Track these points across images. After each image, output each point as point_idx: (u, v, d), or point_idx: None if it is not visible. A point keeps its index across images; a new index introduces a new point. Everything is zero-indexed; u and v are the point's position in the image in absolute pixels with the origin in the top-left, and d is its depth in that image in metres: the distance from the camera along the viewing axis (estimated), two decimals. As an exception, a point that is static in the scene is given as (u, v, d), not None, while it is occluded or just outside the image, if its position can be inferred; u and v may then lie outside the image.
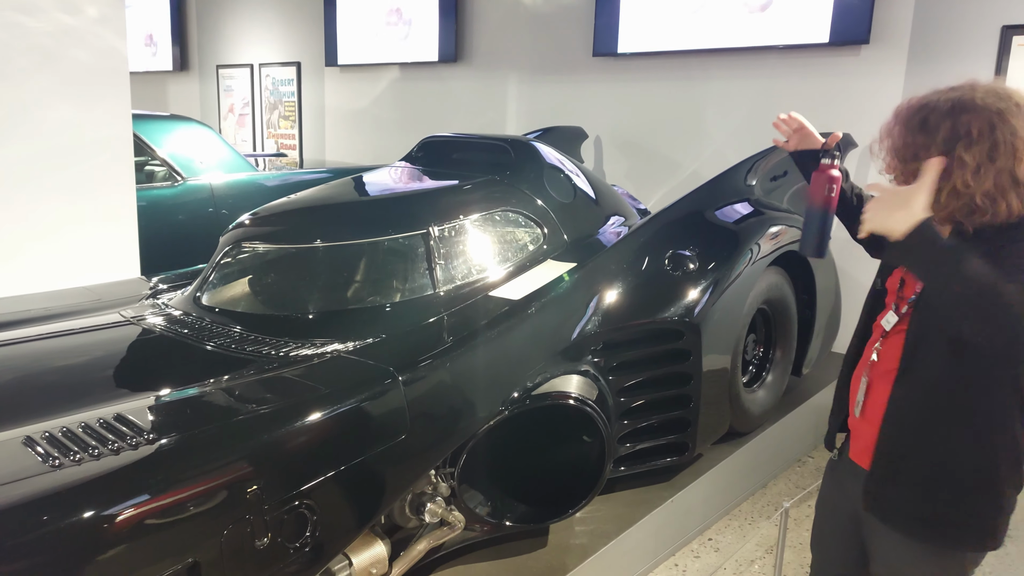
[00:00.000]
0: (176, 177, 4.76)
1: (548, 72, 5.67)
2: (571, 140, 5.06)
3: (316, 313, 2.57)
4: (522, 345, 2.52)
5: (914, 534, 1.57)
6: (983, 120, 1.41)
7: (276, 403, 1.96)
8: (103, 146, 3.75)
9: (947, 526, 1.54)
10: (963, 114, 1.43)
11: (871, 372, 1.63)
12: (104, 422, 1.83)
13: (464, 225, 2.87)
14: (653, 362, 2.85)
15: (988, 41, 3.75)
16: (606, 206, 3.54)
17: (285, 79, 7.78)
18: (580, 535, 2.61)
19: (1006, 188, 1.41)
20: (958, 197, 1.43)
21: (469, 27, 6.11)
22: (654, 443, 2.86)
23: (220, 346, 2.35)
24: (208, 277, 2.79)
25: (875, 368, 1.62)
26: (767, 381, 3.47)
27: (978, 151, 1.41)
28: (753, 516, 3.28)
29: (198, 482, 1.68)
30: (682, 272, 2.91)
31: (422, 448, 2.14)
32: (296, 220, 2.90)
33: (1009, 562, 3.00)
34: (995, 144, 1.40)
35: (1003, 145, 1.40)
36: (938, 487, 1.53)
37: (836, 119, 4.23)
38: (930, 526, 1.55)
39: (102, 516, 1.56)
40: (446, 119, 6.36)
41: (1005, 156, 1.40)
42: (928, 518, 1.55)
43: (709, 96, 4.91)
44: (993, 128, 1.41)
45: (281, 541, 1.81)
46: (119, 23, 3.73)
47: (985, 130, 1.41)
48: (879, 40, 4.16)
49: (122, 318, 2.63)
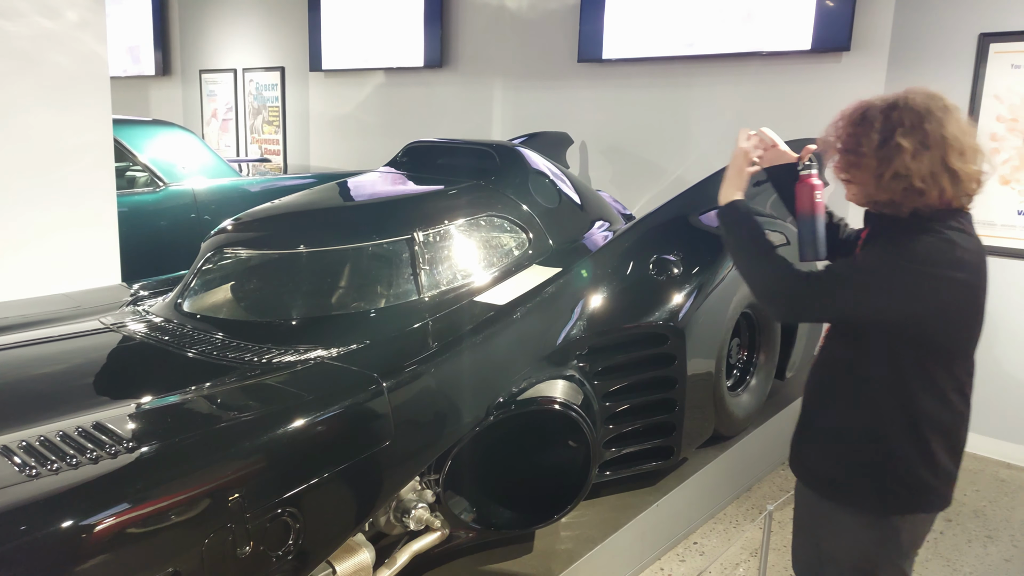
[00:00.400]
0: (158, 182, 4.72)
1: (533, 77, 5.68)
2: (556, 145, 5.08)
3: (299, 319, 2.55)
4: (507, 350, 2.52)
5: (824, 493, 1.77)
6: (914, 114, 1.61)
7: (258, 410, 1.95)
8: (83, 151, 3.72)
9: (847, 485, 1.72)
10: (895, 110, 1.63)
11: None
12: (83, 430, 1.81)
13: (449, 230, 2.87)
14: (638, 366, 2.85)
15: (966, 48, 3.80)
16: (591, 211, 3.55)
17: (269, 84, 7.75)
18: (566, 540, 2.60)
19: (939, 174, 1.59)
20: (899, 179, 1.60)
21: (454, 32, 6.12)
22: (639, 447, 2.86)
23: (202, 353, 2.33)
24: (189, 283, 2.76)
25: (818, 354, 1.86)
26: (751, 385, 3.49)
27: (912, 138, 1.59)
28: (738, 519, 3.29)
29: (178, 491, 1.66)
30: (667, 277, 2.92)
31: (407, 454, 2.13)
32: (279, 225, 2.88)
33: (989, 562, 3.03)
34: (926, 134, 1.59)
35: (932, 136, 1.59)
36: (836, 448, 1.74)
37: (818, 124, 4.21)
38: (834, 485, 1.75)
39: (80, 526, 1.54)
40: (431, 125, 6.35)
41: (936, 146, 1.59)
42: (832, 478, 1.75)
43: (693, 102, 4.94)
44: (923, 120, 1.60)
45: (264, 549, 1.79)
46: (100, 28, 3.69)
47: (916, 122, 1.60)
48: (860, 47, 4.20)
49: (102, 325, 2.60)
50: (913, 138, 1.58)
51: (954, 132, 1.59)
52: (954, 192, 1.59)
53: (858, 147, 1.65)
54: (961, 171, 1.59)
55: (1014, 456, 3.92)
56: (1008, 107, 3.71)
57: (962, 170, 1.59)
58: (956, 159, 1.58)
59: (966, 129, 1.62)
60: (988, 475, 3.80)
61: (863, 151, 1.64)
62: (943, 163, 1.58)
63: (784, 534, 3.17)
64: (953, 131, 1.59)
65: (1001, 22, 3.69)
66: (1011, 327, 3.86)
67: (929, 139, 1.58)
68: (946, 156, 1.58)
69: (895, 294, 1.59)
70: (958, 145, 1.59)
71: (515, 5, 5.70)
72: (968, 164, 1.60)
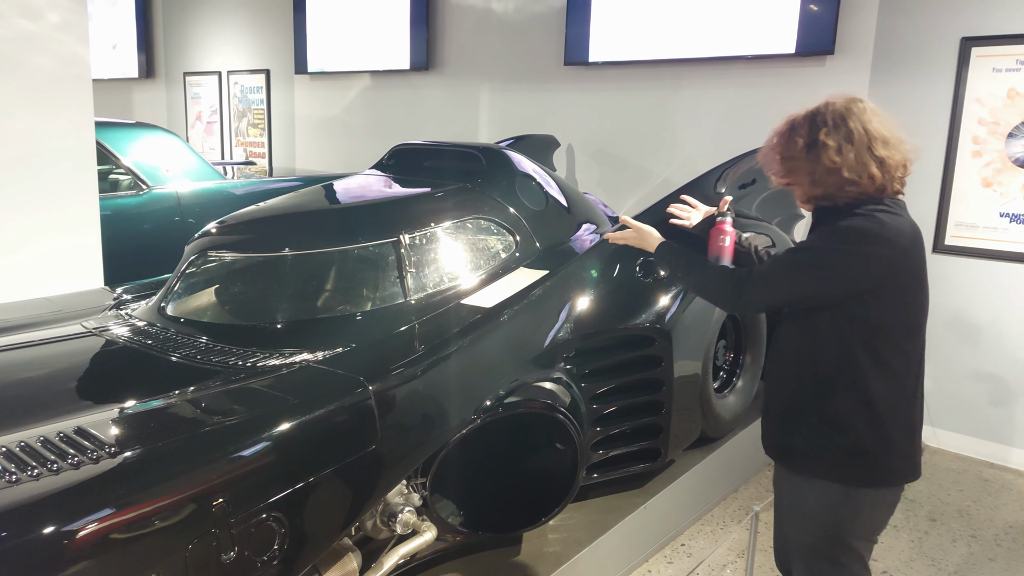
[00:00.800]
0: (141, 186, 4.68)
1: (520, 80, 5.69)
2: (543, 148, 5.08)
3: (284, 323, 2.53)
4: (494, 353, 2.51)
5: (790, 466, 1.88)
6: (835, 115, 1.77)
7: (242, 414, 1.93)
8: (65, 154, 3.68)
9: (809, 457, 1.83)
10: (818, 115, 1.80)
11: None
12: (64, 436, 1.78)
13: (435, 233, 2.86)
14: (625, 368, 2.85)
15: (948, 52, 3.83)
16: (578, 214, 3.55)
17: (254, 86, 7.71)
18: (553, 543, 2.60)
19: (867, 162, 1.73)
20: (830, 173, 1.75)
21: (441, 35, 6.11)
22: (627, 449, 2.87)
23: (185, 357, 2.31)
24: (173, 287, 2.74)
25: None
26: (738, 386, 3.50)
27: (836, 136, 1.75)
28: (725, 520, 3.29)
29: (161, 496, 1.64)
30: (653, 279, 2.92)
31: (393, 458, 2.12)
32: (264, 228, 2.86)
33: (974, 561, 3.05)
34: (849, 131, 1.74)
35: (856, 132, 1.74)
36: (796, 425, 1.85)
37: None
38: (798, 457, 1.85)
39: (62, 532, 1.52)
40: (418, 128, 6.34)
41: (860, 139, 1.74)
42: (795, 449, 1.86)
43: (679, 105, 4.96)
44: (845, 120, 1.76)
45: (248, 555, 1.77)
46: (82, 29, 3.66)
47: (839, 121, 1.76)
48: (844, 51, 4.24)
49: (84, 329, 2.57)
50: (837, 135, 1.74)
51: (876, 125, 1.75)
52: (884, 178, 1.74)
53: (790, 154, 1.82)
54: (887, 158, 1.73)
55: (997, 456, 3.96)
56: (989, 110, 3.75)
57: (888, 157, 1.74)
58: (880, 147, 1.73)
59: (887, 123, 1.78)
60: (972, 475, 3.83)
61: (795, 156, 1.81)
62: (869, 152, 1.73)
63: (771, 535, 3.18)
64: (875, 124, 1.75)
65: (982, 26, 3.73)
66: (994, 328, 3.90)
67: (853, 134, 1.74)
68: (871, 146, 1.73)
69: (829, 274, 1.72)
70: (880, 135, 1.74)
71: (501, 8, 5.71)
72: (893, 151, 1.74)
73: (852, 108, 1.77)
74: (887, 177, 1.75)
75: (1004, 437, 3.93)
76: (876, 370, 1.75)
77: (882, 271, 1.71)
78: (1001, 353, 3.88)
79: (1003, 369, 3.89)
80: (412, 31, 6.15)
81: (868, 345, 1.74)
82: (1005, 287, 3.84)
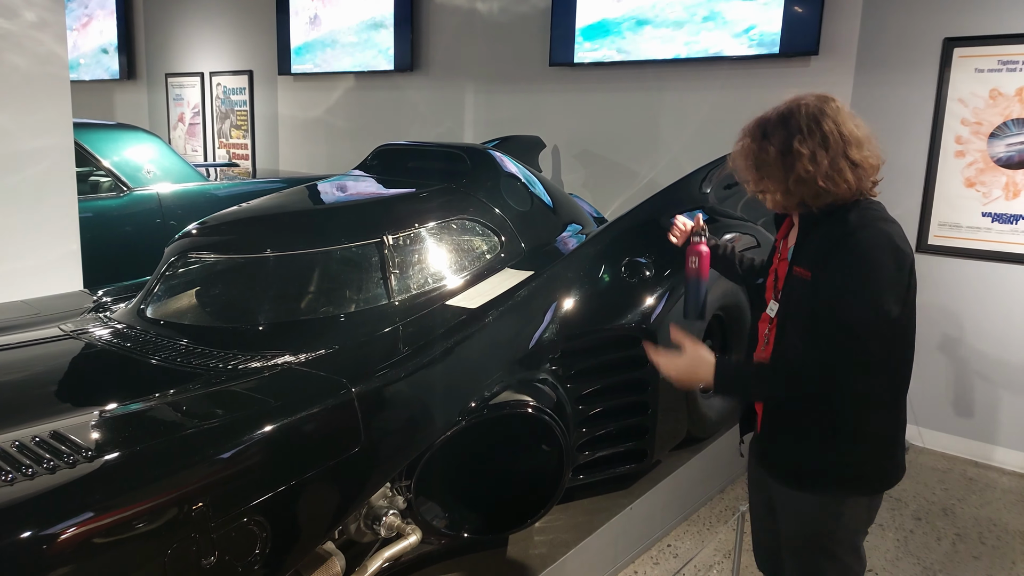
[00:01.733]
0: (122, 187, 4.63)
1: (505, 81, 5.68)
2: (529, 149, 5.07)
3: (266, 324, 2.50)
4: (479, 354, 2.49)
5: (786, 482, 1.83)
6: (809, 118, 1.68)
7: (223, 417, 1.90)
8: (42, 155, 3.62)
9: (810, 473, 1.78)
10: (791, 119, 1.70)
11: (766, 353, 1.86)
12: (39, 440, 1.75)
13: (420, 234, 2.84)
14: (611, 369, 2.84)
15: (931, 52, 3.86)
16: (563, 214, 3.54)
17: (237, 88, 7.65)
18: (539, 545, 2.58)
19: (843, 168, 1.66)
20: (804, 183, 1.68)
21: (425, 36, 6.09)
22: (613, 450, 2.85)
23: (165, 360, 2.27)
24: (153, 289, 2.70)
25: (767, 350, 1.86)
26: (724, 387, 3.49)
27: (811, 142, 1.66)
28: (711, 521, 3.29)
29: (140, 500, 1.61)
30: (638, 279, 2.92)
31: (377, 461, 2.09)
32: (245, 229, 2.83)
33: (959, 560, 3.06)
34: (824, 135, 1.66)
35: (831, 136, 1.66)
36: (799, 443, 1.79)
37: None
38: (798, 475, 1.80)
39: (38, 538, 1.49)
40: (402, 129, 6.32)
41: (835, 143, 1.66)
42: (795, 468, 1.80)
43: (664, 106, 4.96)
44: (819, 123, 1.67)
45: (229, 559, 1.74)
46: (59, 28, 3.61)
47: (812, 125, 1.67)
48: (828, 51, 4.25)
49: (62, 332, 2.53)
50: (811, 141, 1.66)
51: (850, 128, 1.68)
52: (858, 183, 1.68)
53: (762, 161, 1.73)
54: (862, 161, 1.68)
55: (981, 455, 3.98)
56: (972, 111, 3.78)
57: (863, 160, 1.68)
58: (855, 151, 1.67)
59: (859, 123, 1.71)
60: (957, 473, 3.85)
61: (767, 163, 1.72)
62: (845, 157, 1.66)
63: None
64: (849, 127, 1.68)
65: (965, 27, 3.76)
66: (977, 328, 3.93)
67: (828, 139, 1.66)
68: (846, 151, 1.66)
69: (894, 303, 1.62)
70: (855, 139, 1.68)
71: (486, 9, 5.69)
72: (866, 154, 1.69)
73: (825, 109, 1.70)
74: (863, 182, 1.70)
75: (988, 436, 3.96)
76: (884, 378, 1.70)
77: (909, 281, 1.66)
78: (984, 352, 3.90)
79: (986, 368, 3.91)
80: (396, 32, 6.12)
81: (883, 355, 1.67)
82: (988, 287, 3.87)
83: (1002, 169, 3.74)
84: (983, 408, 3.96)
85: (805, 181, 1.67)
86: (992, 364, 3.90)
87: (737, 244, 3.29)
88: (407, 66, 6.10)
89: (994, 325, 3.87)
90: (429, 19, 6.04)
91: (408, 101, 6.28)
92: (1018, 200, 3.72)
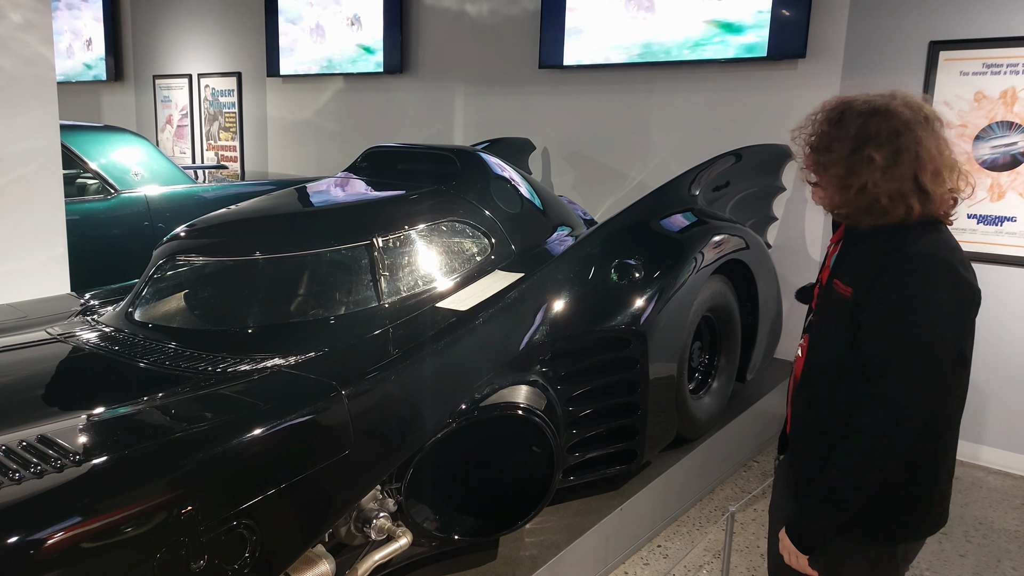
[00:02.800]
0: (109, 190, 4.60)
1: (495, 83, 5.68)
2: (518, 151, 5.08)
3: (256, 327, 2.49)
4: (469, 356, 2.49)
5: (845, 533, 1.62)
6: (891, 126, 1.50)
7: (212, 421, 1.89)
8: (29, 157, 3.60)
9: (859, 520, 1.58)
10: (874, 117, 1.51)
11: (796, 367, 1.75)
12: (27, 444, 1.73)
13: (410, 236, 2.83)
14: (601, 371, 2.85)
15: (917, 56, 3.89)
16: (553, 216, 3.54)
17: (225, 90, 7.62)
18: (530, 546, 2.58)
19: (908, 193, 1.49)
20: (866, 194, 1.51)
21: (415, 38, 6.09)
22: (603, 452, 2.86)
23: (153, 363, 2.26)
24: (141, 292, 2.68)
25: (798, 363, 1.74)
26: (713, 388, 3.51)
27: (885, 152, 1.49)
28: (701, 521, 3.30)
29: (128, 504, 1.60)
30: (628, 281, 2.92)
31: (367, 463, 2.09)
32: (234, 231, 2.81)
33: (945, 558, 3.09)
34: (899, 149, 1.49)
35: (906, 152, 1.49)
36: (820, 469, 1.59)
37: (775, 130, 4.32)
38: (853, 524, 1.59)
39: (24, 543, 1.48)
40: (392, 131, 6.31)
41: (908, 162, 1.49)
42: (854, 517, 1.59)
43: (654, 108, 4.98)
44: (898, 134, 1.49)
45: (219, 563, 1.73)
46: (45, 29, 3.59)
47: (891, 135, 1.49)
48: (815, 54, 4.28)
49: (49, 335, 2.51)
50: (886, 151, 1.49)
51: (930, 149, 1.50)
52: (923, 211, 1.50)
53: (828, 149, 1.55)
54: (933, 192, 1.50)
55: (966, 453, 4.01)
56: (957, 113, 3.81)
57: (934, 192, 1.50)
58: (928, 179, 1.49)
59: (943, 146, 1.52)
60: (943, 473, 3.88)
61: (833, 155, 1.54)
62: (914, 181, 1.49)
63: (746, 535, 3.19)
64: (930, 148, 1.50)
65: (950, 30, 3.80)
66: (962, 327, 3.95)
67: (902, 155, 1.48)
68: (919, 174, 1.49)
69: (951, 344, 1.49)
70: (932, 165, 1.49)
71: (476, 11, 5.70)
72: (941, 185, 1.51)
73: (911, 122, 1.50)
74: (927, 211, 1.50)
75: (974, 435, 3.99)
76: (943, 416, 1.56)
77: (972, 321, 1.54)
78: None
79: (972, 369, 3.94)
80: (386, 34, 6.12)
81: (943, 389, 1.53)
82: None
83: (987, 171, 3.78)
84: (969, 408, 3.96)
85: (866, 193, 1.50)
86: (977, 364, 3.93)
87: (726, 246, 3.32)
88: (396, 68, 6.10)
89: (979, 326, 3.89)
90: (419, 21, 6.04)
91: (397, 103, 6.28)
92: (1003, 202, 3.76)
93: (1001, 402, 3.91)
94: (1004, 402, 3.90)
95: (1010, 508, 3.52)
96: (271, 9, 6.89)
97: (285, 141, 7.24)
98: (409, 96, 6.19)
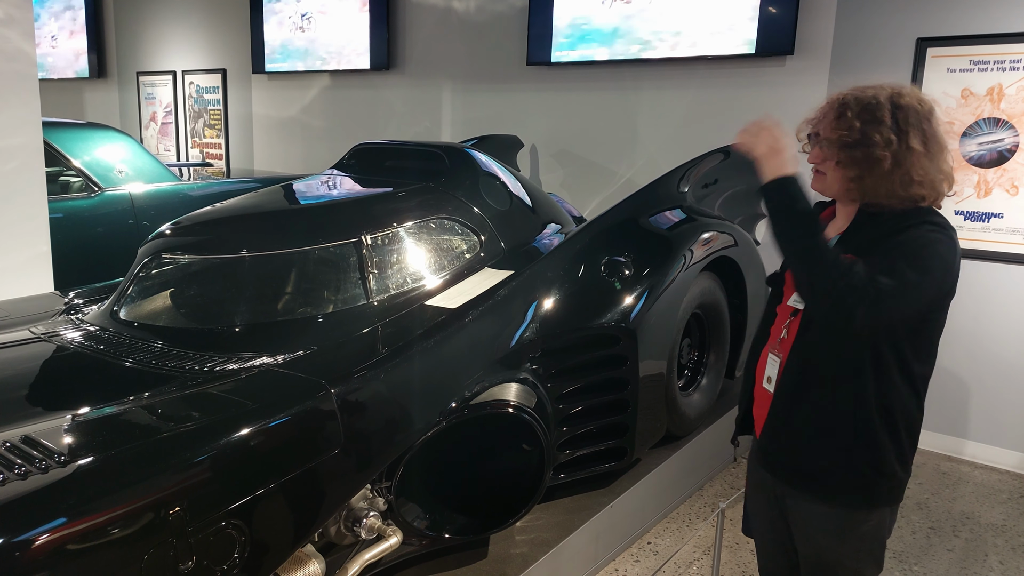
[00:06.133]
0: (93, 188, 4.55)
1: (482, 80, 5.66)
2: (507, 148, 5.06)
3: (243, 326, 2.47)
4: (459, 354, 2.48)
5: (805, 488, 1.70)
6: (916, 115, 1.55)
7: (199, 420, 1.87)
8: (11, 154, 3.55)
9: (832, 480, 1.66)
10: (899, 109, 1.55)
11: (782, 348, 1.74)
12: (10, 445, 1.71)
13: (398, 233, 2.82)
14: (591, 368, 2.84)
15: (904, 52, 3.91)
16: (542, 214, 3.53)
17: (210, 87, 7.56)
18: (520, 544, 2.58)
19: (938, 180, 1.55)
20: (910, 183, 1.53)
21: (402, 35, 6.06)
22: (593, 449, 2.85)
23: (139, 362, 2.24)
24: (126, 290, 2.65)
25: (784, 344, 1.74)
26: (702, 384, 3.52)
27: (920, 139, 1.53)
28: (691, 518, 3.30)
29: (115, 506, 1.58)
30: (617, 278, 2.92)
31: (357, 462, 2.07)
32: (220, 229, 2.79)
33: (932, 553, 3.10)
34: (926, 136, 1.54)
35: (935, 138, 1.55)
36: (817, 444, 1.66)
37: (762, 127, 4.33)
38: (818, 481, 1.67)
39: (10, 544, 1.45)
40: (379, 128, 6.28)
41: (938, 150, 1.55)
42: (814, 473, 1.67)
43: (641, 106, 4.98)
44: (923, 121, 1.55)
45: (208, 564, 1.71)
46: (27, 25, 3.54)
47: (918, 122, 1.54)
48: (803, 51, 4.29)
49: (32, 335, 2.48)
50: (920, 139, 1.53)
51: (942, 134, 1.56)
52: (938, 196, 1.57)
53: (869, 142, 1.53)
54: (949, 175, 1.57)
55: (954, 449, 4.04)
56: (944, 110, 3.82)
57: (949, 174, 1.57)
58: (946, 162, 1.55)
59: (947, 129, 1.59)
60: (930, 468, 3.90)
61: (875, 147, 1.53)
62: (941, 166, 1.54)
63: (736, 531, 3.20)
64: (942, 133, 1.56)
65: (937, 27, 3.82)
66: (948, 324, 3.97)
67: (931, 142, 1.53)
68: (944, 159, 1.54)
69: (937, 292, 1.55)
70: (948, 148, 1.56)
71: (463, 7, 5.67)
72: (951, 166, 1.58)
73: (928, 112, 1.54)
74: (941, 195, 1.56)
75: (960, 431, 4.02)
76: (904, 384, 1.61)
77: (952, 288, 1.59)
78: (955, 348, 3.96)
79: (958, 364, 3.97)
80: (372, 30, 6.08)
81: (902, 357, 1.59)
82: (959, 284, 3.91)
83: (974, 168, 3.80)
84: (955, 403, 4.02)
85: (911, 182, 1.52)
86: (963, 360, 3.96)
87: (714, 243, 3.32)
88: (384, 65, 6.06)
89: (964, 322, 3.93)
90: (406, 18, 6.01)
91: (385, 100, 6.24)
92: (989, 198, 3.78)
93: (987, 397, 3.94)
94: (990, 397, 3.93)
95: (996, 503, 3.55)
96: (256, 5, 6.84)
97: (271, 138, 7.19)
98: (396, 93, 6.16)
